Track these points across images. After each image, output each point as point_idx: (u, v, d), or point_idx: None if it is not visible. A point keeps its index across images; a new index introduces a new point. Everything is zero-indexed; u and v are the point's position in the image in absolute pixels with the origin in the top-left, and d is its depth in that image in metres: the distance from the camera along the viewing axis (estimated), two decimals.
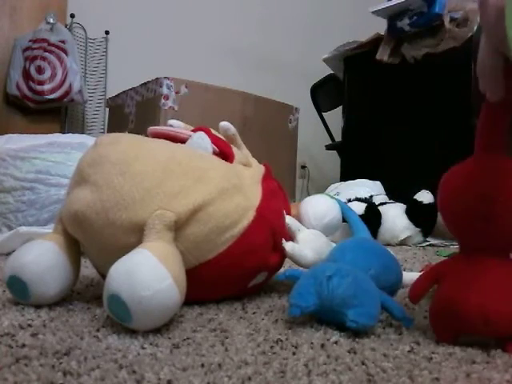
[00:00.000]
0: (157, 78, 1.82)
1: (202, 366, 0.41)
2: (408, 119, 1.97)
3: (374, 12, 1.93)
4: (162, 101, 1.79)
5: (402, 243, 1.47)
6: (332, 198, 0.83)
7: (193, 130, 0.70)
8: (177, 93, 1.82)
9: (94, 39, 2.37)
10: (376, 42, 2.01)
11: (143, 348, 0.45)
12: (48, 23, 2.09)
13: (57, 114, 2.22)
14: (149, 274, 0.47)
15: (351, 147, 2.24)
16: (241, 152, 0.71)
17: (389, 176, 1.88)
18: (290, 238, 0.69)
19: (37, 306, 0.57)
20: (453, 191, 0.51)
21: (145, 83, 1.90)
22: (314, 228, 0.73)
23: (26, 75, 2.02)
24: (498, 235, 0.48)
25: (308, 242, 0.69)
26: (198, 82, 1.90)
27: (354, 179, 1.82)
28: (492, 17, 0.43)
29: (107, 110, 2.25)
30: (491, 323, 0.45)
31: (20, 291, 0.57)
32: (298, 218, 0.74)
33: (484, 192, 0.47)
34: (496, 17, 0.42)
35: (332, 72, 2.39)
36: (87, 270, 0.77)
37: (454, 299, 0.47)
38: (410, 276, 0.76)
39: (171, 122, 0.72)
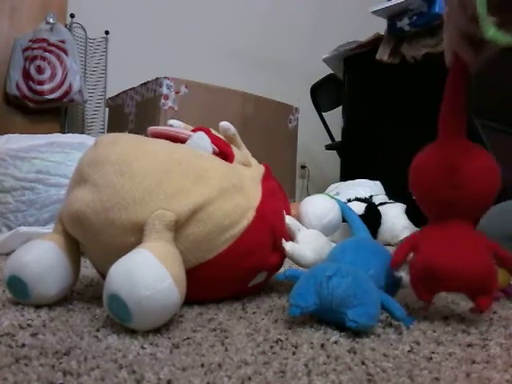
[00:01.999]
0: (157, 78, 1.82)
1: (202, 365, 0.41)
2: (408, 119, 1.97)
3: (373, 12, 1.93)
4: (162, 101, 1.79)
5: None
6: (332, 197, 0.83)
7: (193, 130, 0.70)
8: (177, 93, 1.82)
9: (93, 39, 2.37)
10: (376, 41, 2.01)
11: (143, 348, 0.45)
12: (48, 23, 2.09)
13: (57, 114, 2.22)
14: (149, 273, 0.47)
15: (351, 147, 2.24)
16: (241, 152, 0.71)
17: (389, 176, 1.88)
18: (290, 238, 0.69)
19: (37, 306, 0.57)
20: (424, 167, 0.60)
21: (145, 83, 1.90)
22: (313, 228, 0.73)
23: (26, 75, 2.02)
24: (465, 201, 0.56)
25: (308, 242, 0.69)
26: (198, 81, 1.90)
27: (353, 179, 1.82)
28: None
29: (107, 109, 2.25)
30: (459, 277, 0.54)
31: (20, 291, 0.57)
32: (298, 218, 0.74)
33: (451, 164, 0.56)
34: None
35: (332, 72, 2.39)
36: (87, 269, 0.77)
37: (430, 264, 0.55)
38: None
39: (171, 121, 0.72)
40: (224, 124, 0.72)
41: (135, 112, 1.95)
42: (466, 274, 0.54)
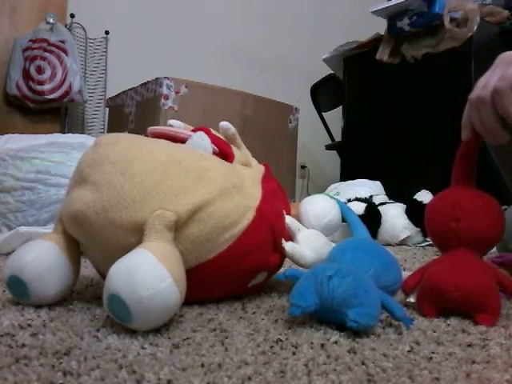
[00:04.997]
0: (157, 78, 1.82)
1: (202, 365, 0.41)
2: (408, 119, 1.97)
3: (373, 12, 1.93)
4: (162, 101, 1.79)
5: (402, 243, 1.47)
6: (332, 197, 0.83)
7: (193, 130, 0.70)
8: (177, 93, 1.82)
9: (93, 39, 2.37)
10: (376, 41, 2.01)
11: (143, 348, 0.45)
12: (48, 23, 2.09)
13: (57, 114, 2.22)
14: (149, 273, 0.47)
15: (351, 147, 2.24)
16: (241, 152, 0.71)
17: (389, 176, 1.88)
18: (290, 238, 0.69)
19: (37, 306, 0.57)
20: (433, 206, 0.68)
21: (145, 83, 1.90)
22: (313, 228, 0.73)
23: (26, 75, 2.02)
24: (465, 233, 0.62)
25: (308, 242, 0.69)
26: (198, 82, 1.90)
27: (353, 179, 1.82)
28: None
29: (107, 109, 2.25)
30: (462, 292, 0.58)
31: (20, 291, 0.57)
32: (298, 218, 0.74)
33: (455, 201, 0.64)
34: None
35: (332, 72, 2.39)
36: (87, 269, 0.77)
37: (434, 280, 0.61)
38: None
39: (171, 121, 0.72)
40: (224, 124, 0.72)
41: (135, 112, 1.95)
42: (464, 288, 0.58)
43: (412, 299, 0.65)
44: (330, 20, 3.12)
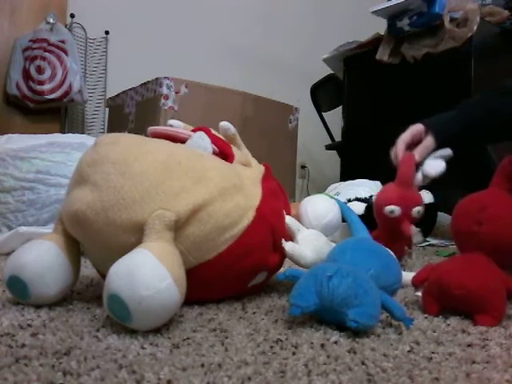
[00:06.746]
0: (157, 78, 1.82)
1: (202, 365, 0.41)
2: (408, 119, 1.97)
3: (374, 12, 1.93)
4: (162, 101, 1.79)
5: None
6: (332, 197, 0.83)
7: (193, 130, 0.70)
8: (177, 93, 1.82)
9: (93, 39, 2.37)
10: (376, 41, 2.01)
11: (143, 348, 0.45)
12: (48, 23, 2.09)
13: (57, 114, 2.22)
14: (149, 273, 0.47)
15: (351, 147, 2.24)
16: (241, 152, 0.71)
17: (389, 176, 1.88)
18: (290, 238, 0.69)
19: (37, 306, 0.57)
20: (462, 204, 0.67)
21: (145, 83, 1.90)
22: (313, 228, 0.73)
23: (26, 75, 2.02)
24: (485, 237, 0.62)
25: (308, 242, 0.69)
26: (198, 82, 1.90)
27: (353, 179, 1.82)
28: None
29: (107, 109, 2.25)
30: (464, 290, 0.58)
31: (20, 291, 0.57)
32: (298, 218, 0.74)
33: (482, 204, 0.63)
34: None
35: (332, 72, 2.39)
36: (87, 269, 0.77)
37: (440, 276, 0.61)
38: (410, 276, 0.76)
39: (171, 121, 0.72)
40: (224, 124, 0.72)
41: (135, 112, 1.95)
42: (466, 287, 0.58)
43: (420, 293, 0.65)
44: (330, 20, 3.12)
